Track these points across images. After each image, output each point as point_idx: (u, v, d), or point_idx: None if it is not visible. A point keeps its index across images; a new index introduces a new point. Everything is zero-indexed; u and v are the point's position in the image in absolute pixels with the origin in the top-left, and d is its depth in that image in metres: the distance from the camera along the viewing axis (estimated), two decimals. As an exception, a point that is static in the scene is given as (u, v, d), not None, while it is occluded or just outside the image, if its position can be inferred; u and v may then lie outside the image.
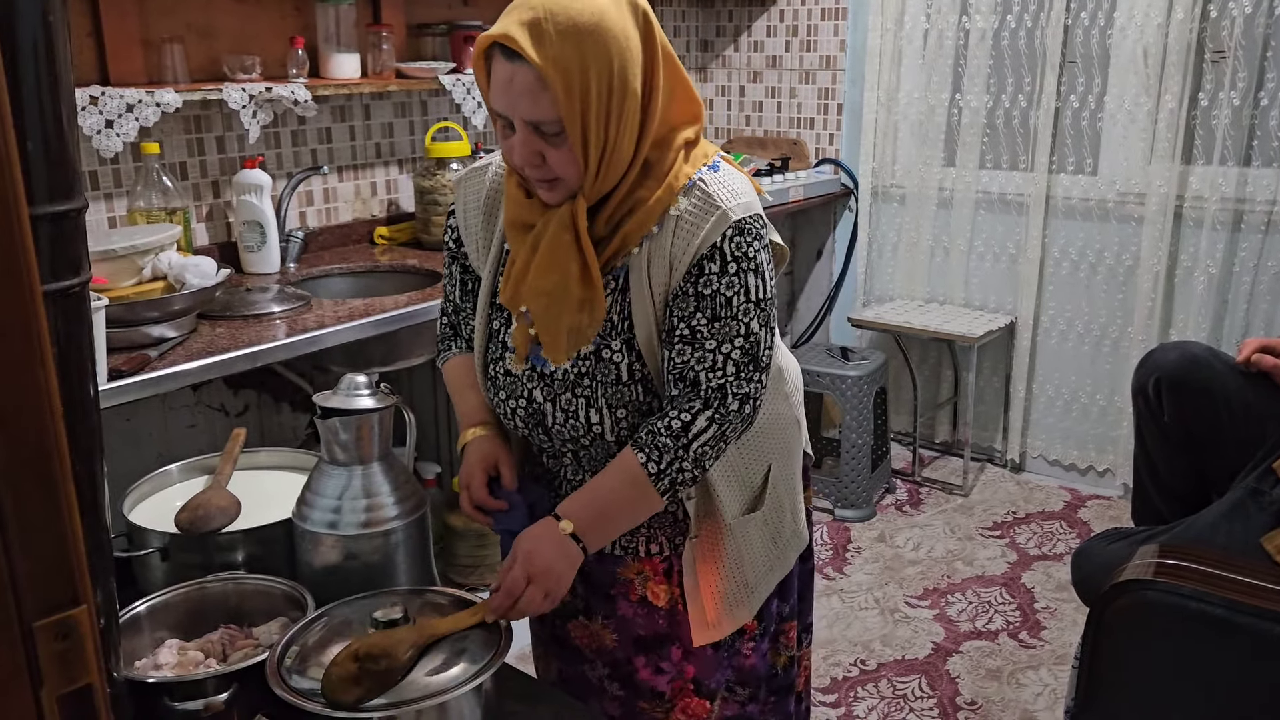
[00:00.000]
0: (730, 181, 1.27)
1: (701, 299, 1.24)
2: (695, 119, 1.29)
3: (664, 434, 1.25)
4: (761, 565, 1.43)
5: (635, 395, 1.30)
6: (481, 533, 2.68)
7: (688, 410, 1.24)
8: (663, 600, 1.43)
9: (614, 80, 1.16)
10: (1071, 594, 2.71)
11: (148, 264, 2.00)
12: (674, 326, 1.26)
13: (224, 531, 1.56)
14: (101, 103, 2.12)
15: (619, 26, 1.16)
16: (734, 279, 1.23)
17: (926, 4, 3.36)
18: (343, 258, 2.70)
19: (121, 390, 1.73)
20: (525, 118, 1.17)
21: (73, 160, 1.05)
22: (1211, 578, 1.66)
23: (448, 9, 2.94)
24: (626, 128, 1.19)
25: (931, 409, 3.60)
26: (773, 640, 1.55)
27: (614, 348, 1.29)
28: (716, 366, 1.24)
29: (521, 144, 1.20)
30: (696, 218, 1.24)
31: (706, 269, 1.23)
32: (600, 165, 1.20)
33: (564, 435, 1.36)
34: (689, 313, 1.24)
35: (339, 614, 1.36)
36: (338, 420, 1.50)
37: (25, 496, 0.53)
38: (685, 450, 1.24)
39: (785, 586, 1.52)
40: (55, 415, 0.53)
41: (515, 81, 1.16)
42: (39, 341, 0.53)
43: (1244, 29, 2.89)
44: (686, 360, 1.25)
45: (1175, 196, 3.06)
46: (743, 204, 1.25)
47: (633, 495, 1.26)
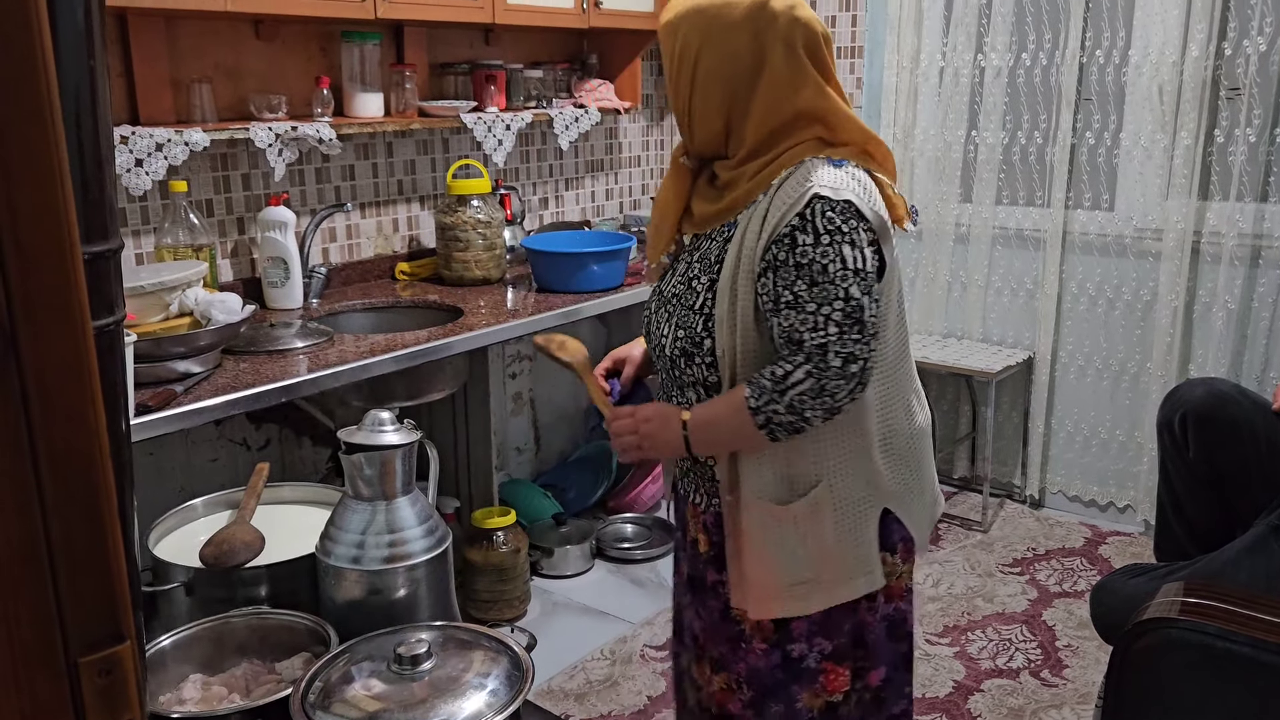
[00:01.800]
0: (837, 176, 1.40)
1: (800, 268, 1.37)
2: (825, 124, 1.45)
3: (766, 378, 1.39)
4: (786, 564, 1.49)
5: (695, 324, 1.47)
6: (501, 568, 2.68)
7: (790, 362, 1.38)
8: (703, 547, 1.60)
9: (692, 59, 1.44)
10: (1094, 632, 2.68)
11: (174, 300, 2.03)
12: (779, 295, 1.39)
13: (248, 566, 1.57)
14: (132, 142, 2.16)
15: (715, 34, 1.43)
16: (829, 249, 1.36)
17: (942, 42, 3.40)
18: (365, 293, 2.73)
19: (148, 425, 1.76)
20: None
21: (111, 202, 1.08)
22: (1237, 616, 1.65)
23: (469, 48, 2.99)
24: (704, 104, 1.45)
25: (950, 444, 3.59)
26: (798, 670, 1.55)
27: (702, 281, 1.48)
28: (818, 327, 1.36)
29: None
30: (793, 189, 1.39)
31: (800, 240, 1.37)
32: (686, 122, 1.48)
33: (652, 345, 1.61)
34: (790, 281, 1.38)
35: (362, 650, 1.37)
36: (362, 456, 1.51)
37: (74, 533, 0.54)
38: (781, 395, 1.37)
39: (835, 624, 1.54)
40: (104, 454, 0.54)
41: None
42: (90, 380, 0.54)
43: (1259, 66, 2.90)
44: (792, 324, 1.38)
45: (1193, 232, 3.06)
46: (836, 190, 1.38)
47: (735, 421, 1.41)
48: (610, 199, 3.62)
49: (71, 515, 0.53)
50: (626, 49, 3.31)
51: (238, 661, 1.45)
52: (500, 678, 1.30)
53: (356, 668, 1.32)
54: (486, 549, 2.67)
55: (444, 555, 1.57)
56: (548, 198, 3.38)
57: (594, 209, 3.56)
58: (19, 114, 0.53)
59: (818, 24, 1.47)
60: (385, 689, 1.26)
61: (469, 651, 1.37)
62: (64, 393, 0.51)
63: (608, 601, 2.86)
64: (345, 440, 1.53)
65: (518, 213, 3.12)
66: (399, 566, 1.51)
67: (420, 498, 1.60)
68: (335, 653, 1.36)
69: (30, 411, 0.49)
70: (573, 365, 1.71)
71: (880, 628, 1.57)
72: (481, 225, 2.78)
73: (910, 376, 1.59)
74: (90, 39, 1.04)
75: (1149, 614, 1.68)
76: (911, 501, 1.56)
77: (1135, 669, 1.68)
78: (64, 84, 0.94)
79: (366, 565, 1.50)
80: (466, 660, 1.35)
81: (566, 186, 3.44)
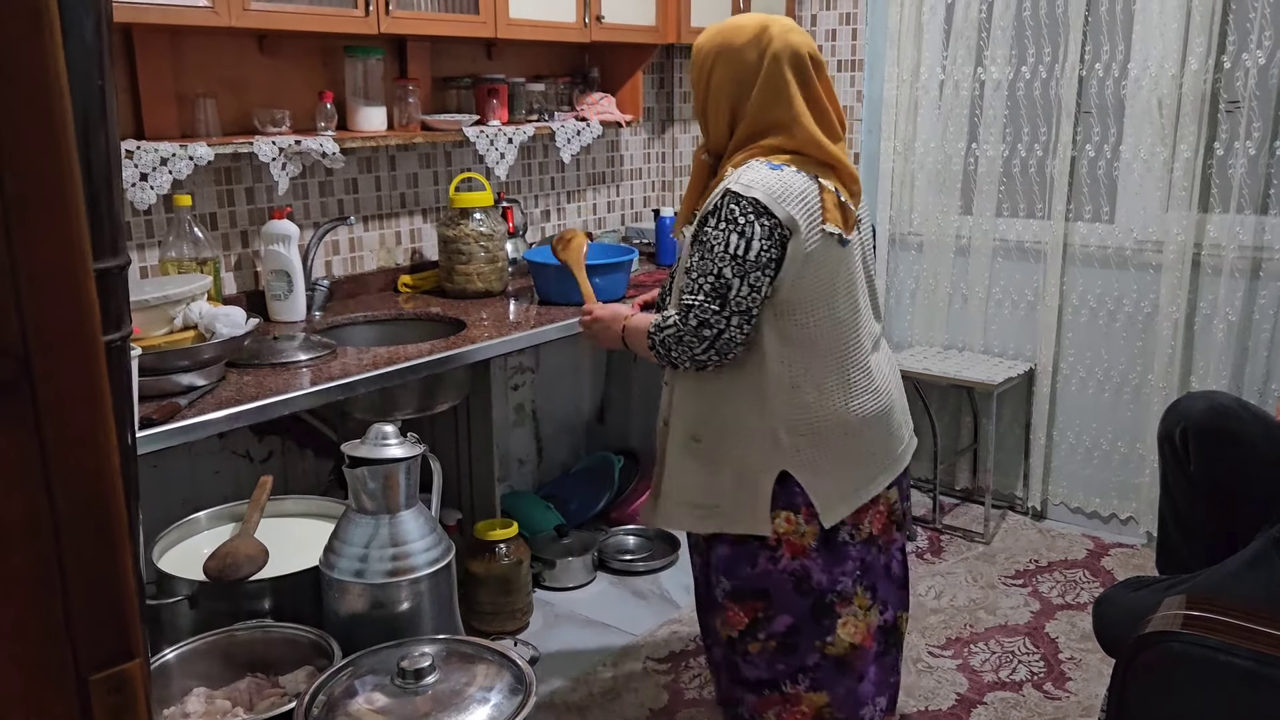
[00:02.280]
0: (761, 175, 1.70)
1: (699, 243, 1.72)
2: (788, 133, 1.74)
3: (660, 316, 1.80)
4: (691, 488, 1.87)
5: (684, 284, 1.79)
6: (503, 580, 2.68)
7: (671, 312, 1.76)
8: None
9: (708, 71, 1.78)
10: (1097, 644, 2.68)
11: (179, 314, 2.04)
12: (686, 264, 1.76)
13: (252, 580, 1.58)
14: (137, 156, 2.18)
15: (726, 52, 1.76)
16: (720, 232, 1.69)
17: (942, 55, 3.41)
18: (367, 306, 2.74)
19: (152, 439, 1.76)
20: None
21: (118, 218, 1.09)
22: (1240, 629, 1.65)
23: (472, 62, 3.01)
24: (715, 110, 1.78)
25: (951, 456, 3.59)
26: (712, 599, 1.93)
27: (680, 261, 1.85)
28: (692, 290, 1.71)
29: None
30: (722, 186, 1.72)
31: (708, 222, 1.72)
32: (703, 124, 1.83)
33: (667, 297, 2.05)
34: (691, 253, 1.74)
35: (365, 663, 1.37)
36: (366, 469, 1.52)
37: (85, 553, 0.55)
38: (658, 334, 1.77)
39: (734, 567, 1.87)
40: (115, 474, 0.55)
41: None
42: (102, 402, 0.55)
43: (1258, 80, 2.91)
44: (683, 286, 1.74)
45: (1193, 244, 3.07)
46: (747, 186, 1.69)
47: (643, 339, 1.83)
48: (612, 211, 3.63)
49: (83, 535, 0.53)
50: (628, 62, 3.32)
51: (241, 675, 1.46)
52: (503, 691, 1.30)
53: (360, 681, 1.32)
54: (488, 561, 2.67)
55: (447, 568, 1.58)
56: (550, 210, 3.39)
57: (595, 221, 3.57)
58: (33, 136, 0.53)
59: (805, 47, 1.75)
60: (389, 702, 1.26)
61: (472, 665, 1.37)
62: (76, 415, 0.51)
63: (610, 613, 2.86)
64: (349, 454, 1.54)
65: (520, 225, 3.13)
66: (402, 580, 1.51)
67: (423, 511, 1.60)
68: (339, 666, 1.36)
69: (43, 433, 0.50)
70: (567, 263, 2.32)
71: (784, 580, 1.84)
72: (484, 238, 2.79)
73: (844, 368, 1.83)
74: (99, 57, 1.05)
75: (1152, 627, 1.68)
76: (818, 477, 1.82)
77: (1138, 682, 1.68)
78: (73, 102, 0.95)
79: (370, 579, 1.51)
80: (469, 674, 1.35)
81: (568, 199, 3.45)
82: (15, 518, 0.51)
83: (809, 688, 1.88)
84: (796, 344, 1.77)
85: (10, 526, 0.51)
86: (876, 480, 1.88)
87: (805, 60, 1.74)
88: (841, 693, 1.90)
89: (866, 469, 1.87)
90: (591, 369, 3.55)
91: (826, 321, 1.78)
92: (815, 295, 1.76)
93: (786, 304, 1.75)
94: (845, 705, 1.90)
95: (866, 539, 1.90)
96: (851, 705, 1.91)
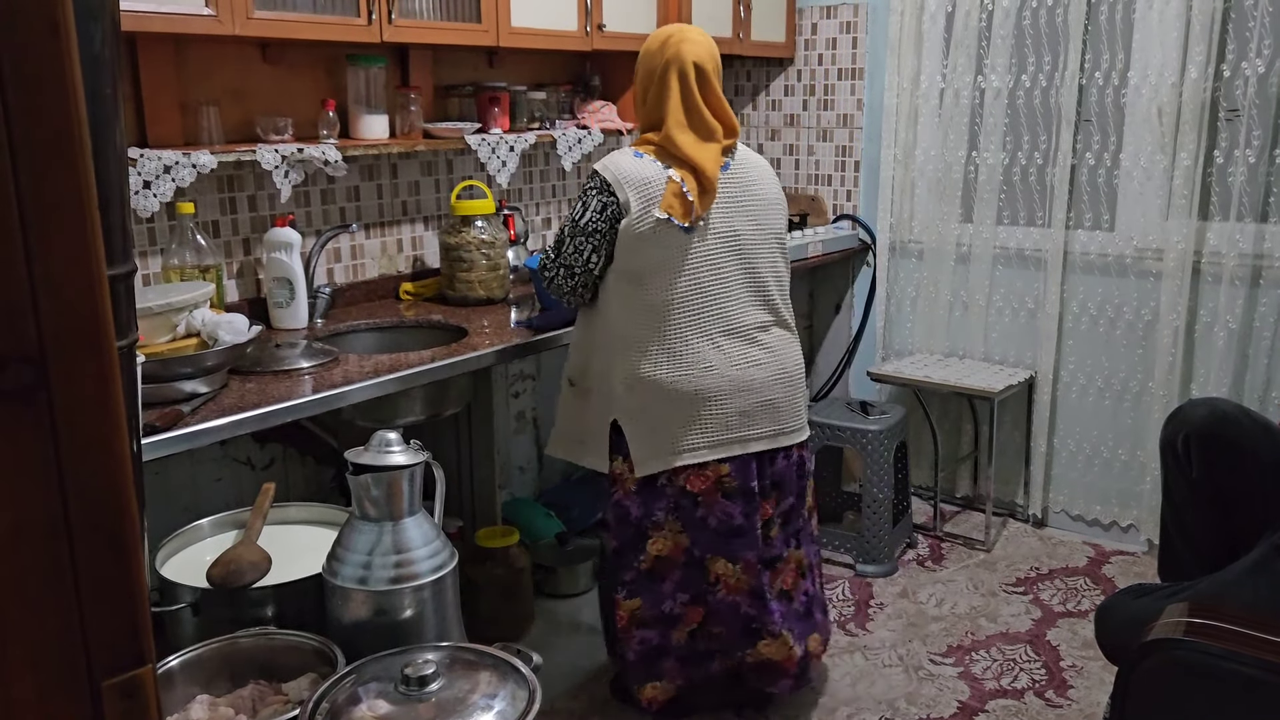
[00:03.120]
0: (621, 159, 2.11)
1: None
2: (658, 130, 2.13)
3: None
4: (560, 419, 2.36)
5: None
6: (505, 587, 2.68)
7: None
8: None
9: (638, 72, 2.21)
10: (1098, 652, 2.68)
11: (182, 321, 2.04)
12: None
13: (255, 587, 1.58)
14: (140, 164, 2.18)
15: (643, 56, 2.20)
16: (576, 198, 2.18)
17: (942, 64, 3.42)
18: (369, 313, 2.75)
19: (156, 446, 1.76)
20: None
21: (126, 227, 1.09)
22: (1242, 637, 1.65)
23: (473, 70, 3.02)
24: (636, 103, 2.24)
25: (952, 463, 3.60)
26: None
27: None
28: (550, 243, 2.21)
29: None
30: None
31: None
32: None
33: None
34: None
35: (369, 670, 1.37)
36: (369, 477, 1.52)
37: (99, 560, 0.55)
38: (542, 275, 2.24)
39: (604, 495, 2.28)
40: (129, 481, 0.55)
41: None
42: (116, 409, 0.55)
43: (1258, 88, 2.92)
44: None
45: (1193, 252, 3.07)
46: (604, 166, 2.10)
47: None
48: (613, 219, 3.64)
49: (97, 542, 0.54)
50: (629, 70, 3.31)
51: (245, 682, 1.46)
52: (506, 698, 1.30)
53: (363, 688, 1.32)
54: (490, 568, 2.67)
55: (450, 575, 1.58)
56: (551, 218, 3.40)
57: (597, 229, 3.57)
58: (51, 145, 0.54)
59: (693, 57, 2.11)
60: (392, 709, 1.26)
61: (475, 672, 1.37)
62: (92, 421, 0.52)
63: (611, 621, 2.86)
64: (352, 461, 1.54)
65: (521, 233, 3.14)
66: (405, 587, 1.51)
67: (427, 518, 1.60)
68: (342, 673, 1.36)
69: (59, 438, 0.50)
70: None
71: (615, 510, 2.22)
72: (485, 245, 2.80)
73: (676, 340, 2.11)
74: (107, 69, 1.05)
75: (1154, 635, 1.69)
76: (637, 430, 2.14)
77: (1141, 690, 1.68)
78: (82, 112, 0.96)
79: (373, 586, 1.51)
80: (473, 681, 1.35)
81: (569, 207, 3.45)
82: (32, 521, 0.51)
83: (626, 596, 2.24)
84: (636, 310, 2.11)
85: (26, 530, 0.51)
86: (698, 450, 2.14)
87: (690, 69, 2.10)
88: (649, 597, 2.24)
89: (688, 437, 2.13)
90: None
91: (663, 295, 2.09)
92: (654, 270, 2.08)
93: (630, 273, 2.09)
94: (651, 605, 2.25)
95: (680, 490, 2.18)
96: (654, 603, 2.25)
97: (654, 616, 2.26)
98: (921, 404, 3.52)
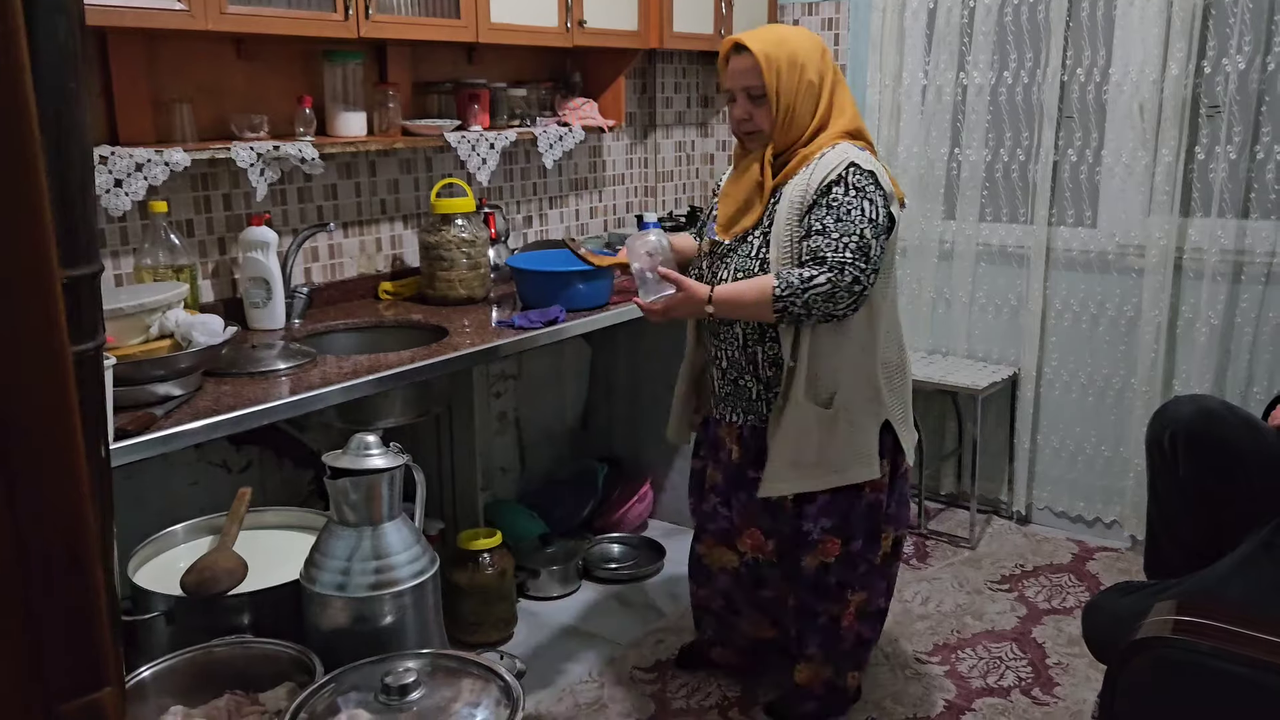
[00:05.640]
0: (864, 154, 2.00)
1: (830, 208, 1.95)
2: (858, 133, 2.06)
3: (795, 275, 1.92)
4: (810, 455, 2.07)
5: (754, 268, 2.06)
6: (487, 590, 2.65)
7: (815, 269, 1.93)
8: (736, 456, 2.22)
9: (799, 69, 2.00)
10: (1084, 649, 2.67)
11: (155, 322, 2.00)
12: (810, 226, 1.97)
13: (230, 594, 1.54)
14: (111, 162, 2.14)
15: (805, 46, 2.03)
16: (853, 199, 1.94)
17: (924, 61, 3.41)
18: (348, 313, 2.71)
19: (127, 450, 1.72)
20: (742, 85, 2.04)
21: (92, 225, 1.05)
22: (1231, 634, 1.64)
23: (452, 67, 2.98)
24: (803, 101, 2.02)
25: (936, 461, 3.59)
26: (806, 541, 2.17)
27: (755, 234, 2.08)
28: (839, 249, 1.92)
29: (738, 107, 2.06)
30: (833, 160, 1.98)
31: (834, 190, 1.96)
32: (784, 120, 2.02)
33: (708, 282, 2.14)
34: (820, 216, 1.95)
35: (348, 679, 1.34)
36: (348, 480, 1.49)
37: (54, 576, 0.52)
38: (803, 292, 1.92)
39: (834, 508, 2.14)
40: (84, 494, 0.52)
41: (741, 65, 2.03)
42: (69, 416, 0.52)
43: (1238, 84, 2.93)
44: (818, 245, 1.94)
45: (1175, 248, 3.07)
46: (866, 160, 1.98)
47: (756, 300, 1.97)
48: (595, 217, 3.61)
49: (52, 560, 0.50)
50: (610, 67, 3.30)
51: (220, 692, 1.42)
52: (490, 706, 1.27)
53: (343, 698, 1.29)
54: (472, 571, 2.64)
55: (432, 581, 1.55)
56: (532, 216, 3.37)
57: (578, 227, 3.55)
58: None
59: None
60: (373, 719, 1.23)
61: (458, 679, 1.34)
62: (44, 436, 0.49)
63: (595, 622, 2.83)
64: (330, 465, 1.51)
65: (502, 231, 3.10)
66: (385, 593, 1.48)
67: (407, 522, 1.57)
68: (321, 683, 1.33)
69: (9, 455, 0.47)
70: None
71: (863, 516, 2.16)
72: (466, 244, 2.76)
73: (899, 326, 2.18)
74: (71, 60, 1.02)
75: (1142, 634, 1.67)
76: (902, 425, 2.16)
77: (1130, 689, 1.66)
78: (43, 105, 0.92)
79: (352, 592, 1.48)
80: (455, 688, 1.33)
81: (551, 205, 3.42)
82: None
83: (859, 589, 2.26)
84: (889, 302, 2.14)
85: (-28, 551, 0.48)
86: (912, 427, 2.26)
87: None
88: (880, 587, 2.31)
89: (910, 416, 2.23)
90: (574, 376, 3.52)
91: (893, 282, 2.16)
92: (892, 260, 2.11)
93: (886, 266, 2.07)
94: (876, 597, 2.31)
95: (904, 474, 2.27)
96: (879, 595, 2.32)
97: (876, 611, 2.31)
98: (905, 402, 3.50)
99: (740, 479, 2.22)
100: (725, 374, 2.19)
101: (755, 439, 2.16)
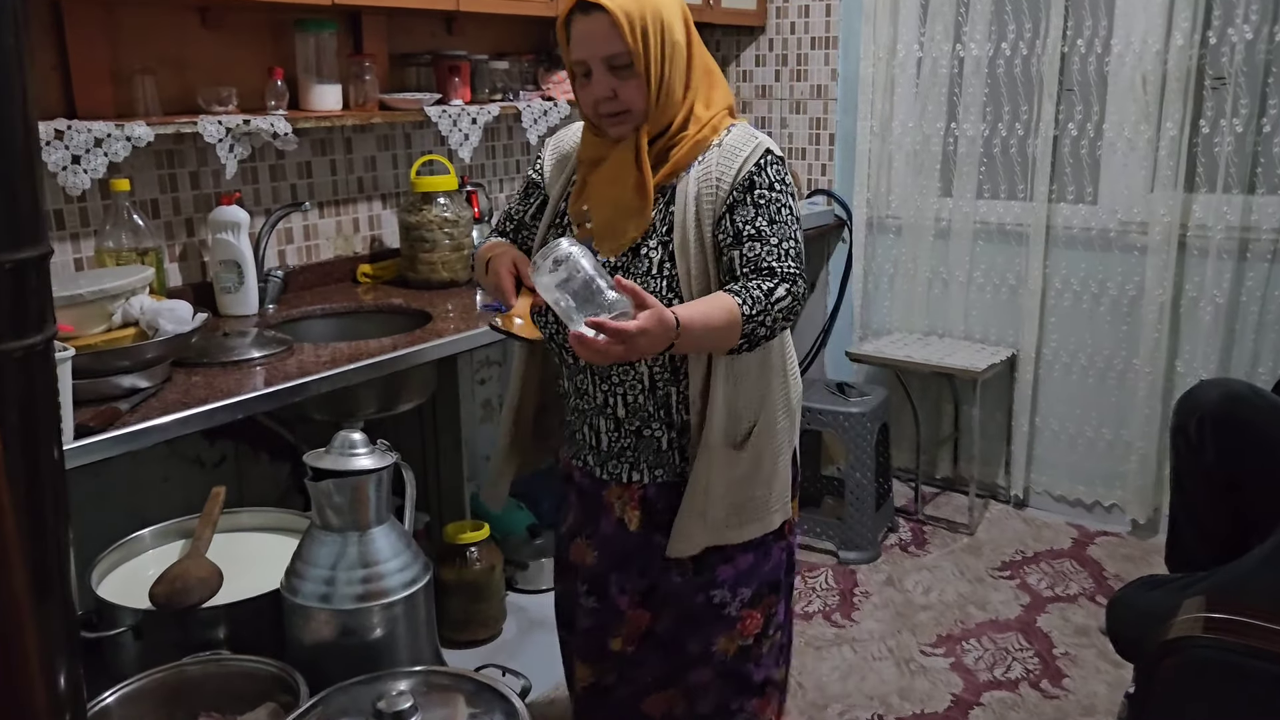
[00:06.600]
0: (768, 137, 1.62)
1: (759, 207, 1.54)
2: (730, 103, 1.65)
3: (757, 291, 1.48)
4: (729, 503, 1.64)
5: (659, 287, 1.56)
6: (475, 587, 2.54)
7: (770, 283, 1.50)
8: (634, 525, 1.68)
9: (664, 29, 1.52)
10: (1092, 639, 2.61)
11: (118, 309, 1.87)
12: (740, 230, 1.54)
13: (204, 606, 1.42)
14: (67, 137, 1.99)
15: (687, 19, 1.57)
16: (779, 196, 1.56)
17: (919, 32, 3.31)
18: (325, 298, 2.58)
19: (90, 449, 1.59)
20: (600, 54, 1.51)
21: (37, 202, 0.93)
22: (1263, 631, 1.56)
23: (431, 38, 2.84)
24: (675, 69, 1.55)
25: (933, 445, 3.51)
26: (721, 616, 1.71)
27: (651, 246, 1.57)
28: (782, 258, 1.53)
29: (597, 83, 1.53)
30: (739, 145, 1.57)
31: (758, 183, 1.55)
32: (659, 95, 1.54)
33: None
34: (750, 218, 1.54)
35: (336, 701, 1.23)
36: (331, 483, 1.37)
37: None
38: (770, 309, 1.49)
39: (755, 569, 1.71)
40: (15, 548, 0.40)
41: (592, 28, 1.50)
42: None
43: (1245, 55, 2.84)
44: (759, 253, 1.53)
45: (1179, 225, 2.99)
46: (775, 144, 1.60)
47: (726, 323, 1.46)
48: (579, 196, 3.49)
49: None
50: (595, 39, 3.17)
51: (194, 715, 1.30)
52: None
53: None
54: (460, 567, 2.53)
55: (424, 590, 1.44)
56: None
57: (563, 206, 3.42)
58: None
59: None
60: (365, 750, 1.12)
61: (455, 699, 1.23)
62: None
63: (587, 618, 2.73)
64: (313, 465, 1.39)
65: (485, 210, 2.97)
66: (374, 605, 1.37)
67: (396, 526, 1.46)
68: (306, 706, 1.22)
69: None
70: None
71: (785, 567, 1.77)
72: (448, 224, 2.63)
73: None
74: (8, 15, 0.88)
75: (1173, 634, 1.59)
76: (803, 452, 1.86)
77: (1162, 692, 1.58)
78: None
79: (338, 604, 1.36)
80: (452, 708, 1.22)
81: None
82: None
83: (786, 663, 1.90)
84: None
85: None
86: None
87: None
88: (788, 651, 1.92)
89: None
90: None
91: None
92: None
93: None
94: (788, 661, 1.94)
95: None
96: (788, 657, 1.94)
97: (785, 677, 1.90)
98: (902, 384, 3.42)
99: (639, 550, 1.70)
100: (622, 425, 1.65)
101: (665, 497, 1.66)
